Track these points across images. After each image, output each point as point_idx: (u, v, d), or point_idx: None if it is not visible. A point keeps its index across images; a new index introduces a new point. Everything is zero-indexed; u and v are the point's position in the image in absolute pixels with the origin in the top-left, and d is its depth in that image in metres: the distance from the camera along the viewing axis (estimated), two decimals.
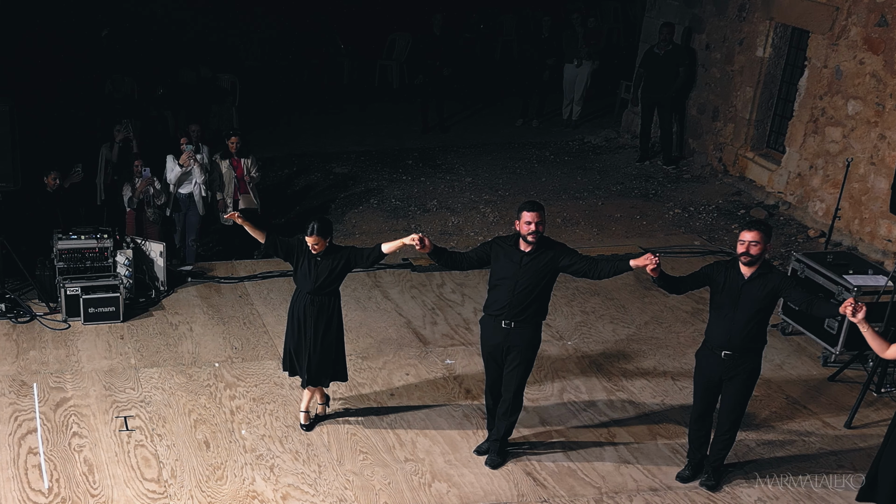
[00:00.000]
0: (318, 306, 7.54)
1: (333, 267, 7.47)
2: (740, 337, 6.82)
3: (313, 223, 7.36)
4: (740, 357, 6.87)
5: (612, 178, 14.03)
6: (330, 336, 7.64)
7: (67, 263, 9.83)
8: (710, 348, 6.98)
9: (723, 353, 6.88)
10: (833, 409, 8.41)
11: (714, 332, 6.96)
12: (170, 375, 8.70)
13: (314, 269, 7.47)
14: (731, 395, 7.03)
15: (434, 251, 7.17)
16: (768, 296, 6.77)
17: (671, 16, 14.44)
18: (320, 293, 7.53)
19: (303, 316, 7.58)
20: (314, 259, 7.46)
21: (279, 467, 7.48)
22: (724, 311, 6.85)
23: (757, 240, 6.71)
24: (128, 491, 7.18)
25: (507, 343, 7.27)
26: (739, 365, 6.90)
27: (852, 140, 11.53)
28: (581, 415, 8.28)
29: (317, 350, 7.62)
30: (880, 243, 11.14)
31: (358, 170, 14.26)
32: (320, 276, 7.46)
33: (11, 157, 9.24)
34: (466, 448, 7.76)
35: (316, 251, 7.41)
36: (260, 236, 7.56)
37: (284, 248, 7.57)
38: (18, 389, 8.40)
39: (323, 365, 7.70)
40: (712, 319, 6.99)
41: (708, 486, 7.33)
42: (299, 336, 7.66)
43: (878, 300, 8.66)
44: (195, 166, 11.11)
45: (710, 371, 7.01)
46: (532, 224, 6.97)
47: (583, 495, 7.26)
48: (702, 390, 7.15)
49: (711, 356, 6.97)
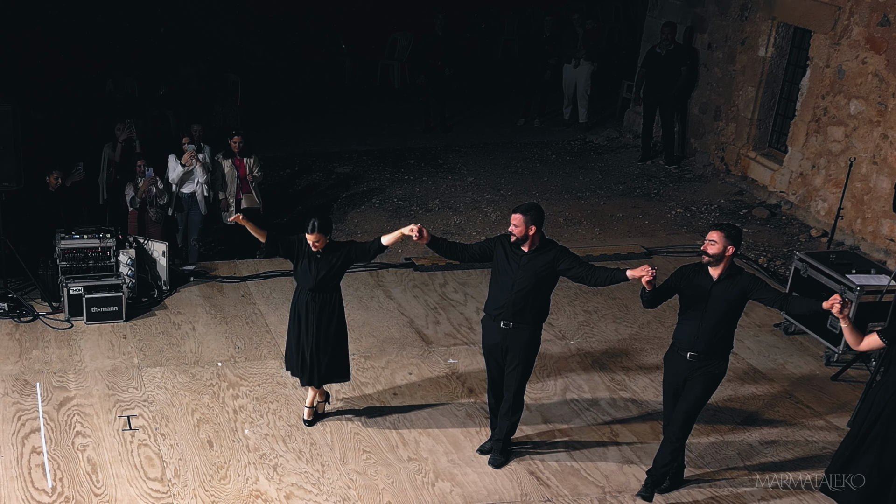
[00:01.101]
0: (319, 303, 7.58)
1: (333, 263, 7.51)
2: (707, 339, 6.74)
3: (313, 220, 7.40)
4: (705, 359, 6.79)
5: (613, 178, 14.03)
6: (331, 331, 7.66)
7: (70, 263, 9.84)
8: (676, 350, 6.91)
9: (688, 354, 6.80)
10: (836, 408, 8.41)
11: (681, 334, 6.88)
12: (173, 375, 8.70)
13: (314, 265, 7.51)
14: (687, 396, 6.89)
15: (432, 241, 7.21)
16: (737, 297, 6.70)
17: (673, 15, 14.44)
18: (321, 289, 7.56)
19: (304, 312, 7.63)
20: (314, 256, 7.50)
21: (282, 467, 7.48)
22: (693, 313, 6.79)
23: (714, 239, 6.63)
24: (131, 490, 7.18)
25: (506, 343, 7.28)
26: (704, 366, 6.80)
27: (854, 139, 11.53)
28: (584, 414, 8.28)
29: (318, 346, 7.65)
30: (882, 243, 11.14)
31: (360, 169, 14.26)
32: (320, 272, 7.50)
33: (14, 156, 9.25)
34: (469, 447, 7.76)
35: (316, 248, 7.45)
36: (261, 236, 7.60)
37: (285, 246, 7.61)
38: (22, 389, 8.40)
39: (324, 362, 7.71)
40: (680, 322, 6.91)
41: (661, 491, 7.19)
42: (299, 333, 7.69)
43: (881, 299, 8.67)
44: (197, 166, 11.11)
45: (677, 374, 6.92)
46: (511, 226, 7.01)
47: (586, 494, 7.26)
48: (671, 396, 7.02)
49: (677, 358, 6.89)
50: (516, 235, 7.02)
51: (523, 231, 6.99)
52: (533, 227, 6.99)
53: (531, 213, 7.01)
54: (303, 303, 7.63)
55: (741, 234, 6.81)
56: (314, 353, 7.67)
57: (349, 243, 7.66)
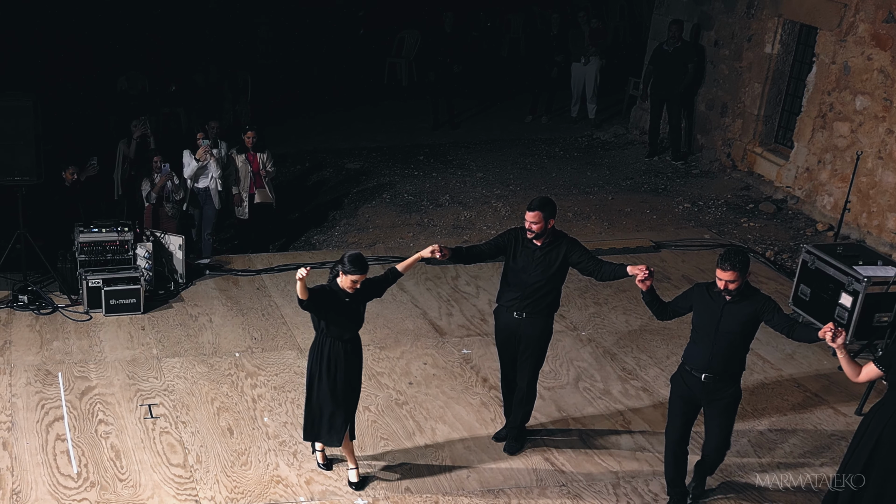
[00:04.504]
0: (353, 345, 7.01)
1: (361, 303, 6.96)
2: (721, 359, 6.66)
3: (354, 259, 6.68)
4: (720, 381, 6.68)
5: (621, 174, 14.18)
6: (359, 375, 7.17)
7: (88, 256, 9.99)
8: (689, 371, 6.77)
9: (703, 375, 6.68)
10: (844, 397, 8.56)
11: (693, 356, 6.76)
12: (191, 365, 8.85)
13: (347, 311, 6.86)
14: (714, 425, 6.83)
15: (452, 255, 7.17)
16: (749, 319, 6.62)
17: (680, 13, 14.59)
18: (355, 335, 7.02)
19: (337, 366, 6.94)
20: (345, 302, 6.81)
21: (302, 453, 7.63)
22: (706, 333, 6.69)
23: (733, 279, 6.51)
24: (155, 476, 7.34)
25: (520, 334, 7.43)
26: (720, 389, 6.70)
27: (860, 135, 11.68)
28: (596, 402, 8.43)
29: (351, 387, 7.09)
30: (888, 236, 11.29)
31: (370, 165, 14.41)
32: (355, 315, 6.94)
33: (35, 151, 9.40)
34: (485, 434, 7.91)
35: (355, 289, 6.77)
36: (304, 293, 6.62)
37: (321, 298, 6.79)
38: (44, 379, 8.56)
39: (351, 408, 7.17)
40: (692, 341, 6.80)
41: (694, 496, 7.17)
42: (331, 388, 6.98)
43: (887, 290, 8.81)
44: (211, 161, 11.27)
45: (689, 394, 6.79)
46: (529, 223, 7.15)
47: (600, 480, 7.41)
48: (680, 414, 6.90)
49: (690, 378, 6.76)
50: (535, 231, 7.16)
51: (542, 226, 7.15)
52: (551, 221, 7.16)
53: (547, 209, 7.16)
54: (336, 355, 6.92)
55: (748, 258, 6.67)
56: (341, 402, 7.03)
57: (365, 281, 6.86)
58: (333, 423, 7.04)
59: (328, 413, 7.02)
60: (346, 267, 6.68)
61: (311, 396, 7.05)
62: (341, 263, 6.72)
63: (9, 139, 9.31)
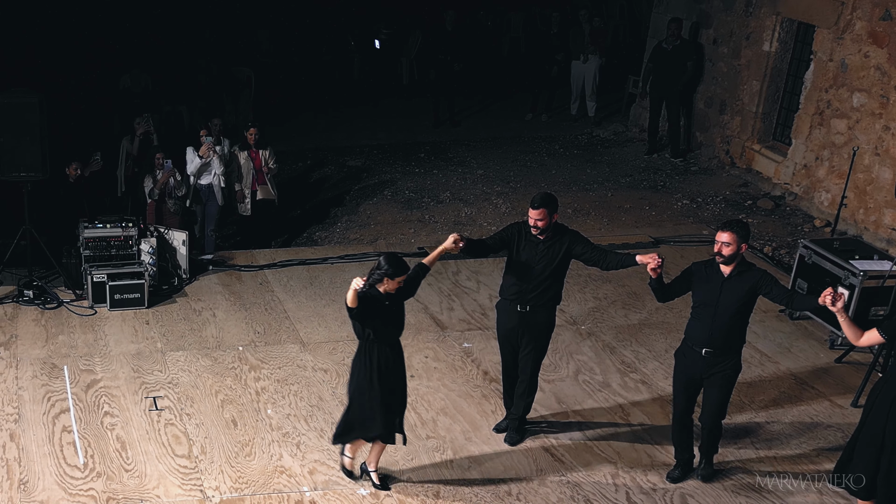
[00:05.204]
0: (399, 347, 6.99)
1: (400, 304, 6.91)
2: (721, 334, 6.87)
3: (395, 261, 6.65)
4: (721, 355, 6.90)
5: (620, 171, 14.29)
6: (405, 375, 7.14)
7: (93, 251, 10.10)
8: (690, 346, 6.99)
9: (703, 350, 6.90)
10: (840, 389, 8.66)
11: (695, 331, 6.97)
12: (195, 358, 8.96)
13: (390, 314, 6.81)
14: (712, 394, 7.04)
15: (467, 246, 7.24)
16: (748, 293, 6.83)
17: (679, 11, 14.69)
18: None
19: (388, 370, 6.87)
20: (387, 305, 6.74)
21: (305, 444, 7.73)
22: (705, 310, 6.90)
23: (729, 241, 6.74)
24: (160, 466, 7.44)
25: (523, 327, 7.53)
26: (720, 363, 6.94)
27: (857, 132, 11.78)
28: (596, 395, 8.54)
29: (403, 394, 7.11)
30: (885, 232, 11.39)
31: (371, 163, 14.52)
32: (401, 318, 6.93)
33: (40, 147, 9.51)
34: (486, 426, 8.02)
35: (395, 290, 6.74)
36: (354, 302, 6.51)
37: (370, 305, 6.69)
38: (50, 372, 8.66)
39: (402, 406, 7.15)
40: (693, 318, 7.03)
41: (703, 476, 7.39)
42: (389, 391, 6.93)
43: (883, 284, 8.91)
44: (214, 157, 11.37)
45: (691, 369, 7.03)
46: (534, 220, 7.25)
47: (599, 470, 7.51)
48: (682, 390, 7.16)
49: (691, 354, 6.98)
50: (541, 228, 7.26)
51: (547, 222, 7.26)
52: (555, 216, 7.27)
53: (551, 205, 7.28)
54: (385, 360, 6.84)
55: (749, 229, 6.95)
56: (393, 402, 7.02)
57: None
58: (391, 425, 6.98)
59: (382, 417, 6.89)
60: (388, 271, 6.59)
61: (361, 403, 6.88)
62: (380, 269, 6.60)
63: (15, 135, 9.43)
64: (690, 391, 7.17)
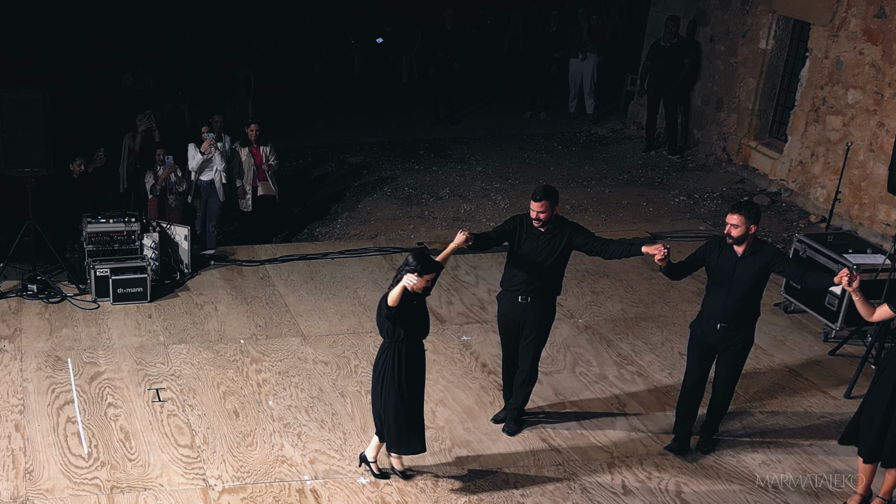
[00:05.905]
0: (423, 349, 7.03)
1: (423, 302, 6.94)
2: (735, 310, 7.18)
3: (423, 258, 6.69)
4: (735, 329, 7.24)
5: (618, 168, 14.40)
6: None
7: (96, 246, 10.21)
8: (706, 320, 7.33)
9: (718, 324, 7.25)
10: (834, 381, 8.78)
11: (710, 306, 7.31)
12: (197, 351, 9.07)
13: (420, 313, 6.87)
14: (725, 366, 7.41)
15: (475, 241, 7.34)
16: (761, 271, 7.13)
17: (676, 9, 14.80)
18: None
19: (418, 369, 6.95)
20: (415, 304, 6.78)
21: (306, 434, 7.85)
22: (720, 287, 7.21)
23: (738, 223, 7.02)
24: (163, 455, 7.56)
25: (524, 317, 7.65)
26: (734, 336, 7.26)
27: (852, 128, 11.89)
28: (593, 386, 8.65)
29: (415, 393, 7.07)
30: (879, 227, 11.50)
31: (371, 160, 14.63)
32: (427, 316, 6.99)
33: (45, 143, 9.62)
34: (484, 417, 8.13)
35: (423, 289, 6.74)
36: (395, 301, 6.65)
37: (405, 306, 6.74)
38: (54, 364, 8.78)
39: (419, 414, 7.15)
40: (708, 294, 7.35)
41: (704, 451, 7.70)
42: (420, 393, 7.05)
43: (876, 277, 9.03)
44: (216, 154, 11.48)
45: (706, 341, 7.36)
46: (536, 213, 7.38)
47: (595, 459, 7.63)
48: (696, 360, 7.49)
49: (706, 326, 7.32)
50: (542, 220, 7.38)
51: (548, 214, 7.38)
52: (556, 208, 7.39)
53: (552, 197, 7.40)
54: (414, 359, 6.90)
55: (760, 211, 7.18)
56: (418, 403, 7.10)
57: None
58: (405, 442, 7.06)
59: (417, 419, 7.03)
60: (417, 267, 6.57)
61: (407, 406, 6.93)
62: (409, 266, 6.59)
63: (19, 131, 9.54)
64: (704, 362, 7.48)
